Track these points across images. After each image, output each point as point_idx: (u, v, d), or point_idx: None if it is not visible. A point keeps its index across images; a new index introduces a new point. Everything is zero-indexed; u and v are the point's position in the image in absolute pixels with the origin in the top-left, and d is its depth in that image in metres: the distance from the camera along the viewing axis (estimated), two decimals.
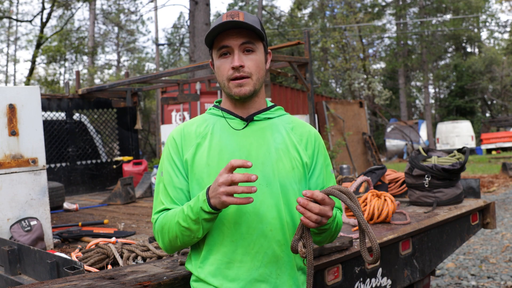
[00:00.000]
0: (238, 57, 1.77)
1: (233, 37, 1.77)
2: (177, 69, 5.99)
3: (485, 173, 16.49)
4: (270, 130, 1.88)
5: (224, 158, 1.80)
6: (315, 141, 1.94)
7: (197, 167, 1.81)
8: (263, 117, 1.90)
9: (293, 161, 1.85)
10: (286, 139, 1.89)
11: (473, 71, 37.60)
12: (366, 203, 3.51)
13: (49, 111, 6.84)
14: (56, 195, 5.40)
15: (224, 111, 1.91)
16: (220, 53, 1.80)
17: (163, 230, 1.77)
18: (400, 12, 34.83)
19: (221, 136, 1.85)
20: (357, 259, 2.81)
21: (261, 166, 1.81)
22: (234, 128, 1.86)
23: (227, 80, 1.80)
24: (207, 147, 1.83)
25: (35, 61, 21.17)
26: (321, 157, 1.95)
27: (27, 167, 3.47)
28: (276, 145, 1.85)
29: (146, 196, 6.35)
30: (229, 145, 1.83)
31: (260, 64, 1.83)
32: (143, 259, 2.78)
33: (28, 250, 2.55)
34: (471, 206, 3.96)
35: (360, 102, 14.00)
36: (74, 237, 3.74)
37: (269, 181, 1.80)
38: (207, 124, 1.89)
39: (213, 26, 1.77)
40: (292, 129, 1.93)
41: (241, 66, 1.77)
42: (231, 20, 1.72)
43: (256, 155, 1.82)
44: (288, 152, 1.86)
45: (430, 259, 3.52)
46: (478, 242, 7.52)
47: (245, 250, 1.76)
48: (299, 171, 1.86)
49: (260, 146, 1.84)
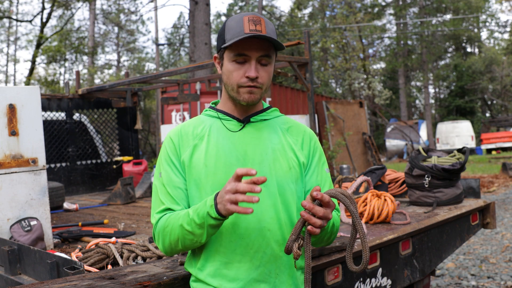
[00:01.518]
0: (255, 68, 1.77)
1: (254, 48, 1.76)
2: (177, 69, 5.99)
3: (485, 173, 16.49)
4: (266, 131, 1.90)
5: (221, 159, 1.81)
6: (310, 141, 1.96)
7: (194, 168, 1.81)
8: (259, 119, 1.91)
9: (290, 161, 1.87)
10: (282, 139, 1.90)
11: (473, 71, 37.59)
12: (366, 203, 3.51)
13: (49, 111, 6.84)
14: (56, 195, 5.39)
15: (220, 113, 1.91)
16: (235, 58, 1.78)
17: (164, 231, 1.76)
18: (400, 12, 34.82)
19: (218, 137, 1.85)
20: (357, 259, 2.80)
21: (258, 166, 1.82)
22: (230, 129, 1.87)
23: (237, 85, 1.80)
24: (204, 148, 1.83)
25: (35, 61, 21.17)
26: (317, 156, 1.95)
27: (27, 167, 3.47)
28: (272, 146, 1.87)
29: (146, 196, 6.35)
30: (226, 146, 1.83)
31: (271, 75, 1.84)
32: (143, 259, 2.78)
33: (28, 250, 2.55)
34: (471, 206, 3.96)
35: (360, 102, 13.99)
36: (74, 237, 3.74)
37: (266, 181, 1.81)
38: (204, 126, 1.90)
39: (234, 31, 1.75)
40: (287, 130, 1.95)
41: (256, 77, 1.78)
42: (255, 34, 1.71)
43: (253, 156, 1.83)
44: (284, 153, 1.87)
45: (430, 259, 3.52)
46: (478, 242, 7.52)
47: (244, 250, 1.77)
48: (296, 171, 1.87)
49: (256, 147, 1.85)
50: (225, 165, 1.80)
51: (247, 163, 1.82)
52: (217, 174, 1.79)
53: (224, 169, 1.80)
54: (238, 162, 1.82)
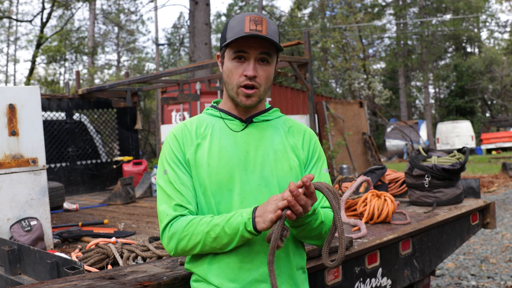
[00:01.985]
0: (253, 67, 1.78)
1: (253, 45, 1.77)
2: (177, 69, 5.99)
3: (485, 173, 16.49)
4: (268, 131, 1.91)
5: (223, 158, 1.81)
6: (310, 140, 1.97)
7: (198, 167, 1.82)
8: (261, 119, 1.92)
9: (291, 161, 1.88)
10: (284, 140, 1.91)
11: (473, 71, 37.60)
12: (366, 203, 3.51)
13: (49, 111, 6.84)
14: (56, 195, 5.39)
15: (222, 112, 1.92)
16: (235, 55, 1.79)
17: (182, 234, 1.74)
18: (400, 12, 34.83)
19: (221, 137, 1.86)
20: (357, 259, 2.81)
21: (260, 167, 1.83)
22: (232, 129, 1.88)
23: (236, 85, 1.81)
24: (207, 147, 1.83)
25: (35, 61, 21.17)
26: (316, 156, 1.96)
27: (27, 167, 3.47)
28: (274, 147, 1.88)
29: (146, 196, 6.35)
30: (229, 146, 1.84)
31: (270, 75, 1.84)
32: (143, 259, 2.78)
33: (28, 250, 2.55)
34: (471, 206, 3.96)
35: (360, 102, 13.99)
36: (74, 237, 3.74)
37: (268, 181, 1.82)
38: (207, 125, 1.90)
39: (235, 30, 1.76)
40: (289, 130, 1.96)
41: (254, 76, 1.78)
42: (255, 34, 1.72)
43: (255, 156, 1.84)
44: (286, 153, 1.88)
45: (430, 259, 3.52)
46: (478, 242, 7.52)
47: (246, 251, 1.77)
48: (297, 171, 1.89)
49: (258, 147, 1.86)
50: (228, 165, 1.81)
51: (249, 163, 1.83)
52: (219, 173, 1.80)
53: (226, 169, 1.80)
54: (240, 162, 1.82)
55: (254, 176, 1.82)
